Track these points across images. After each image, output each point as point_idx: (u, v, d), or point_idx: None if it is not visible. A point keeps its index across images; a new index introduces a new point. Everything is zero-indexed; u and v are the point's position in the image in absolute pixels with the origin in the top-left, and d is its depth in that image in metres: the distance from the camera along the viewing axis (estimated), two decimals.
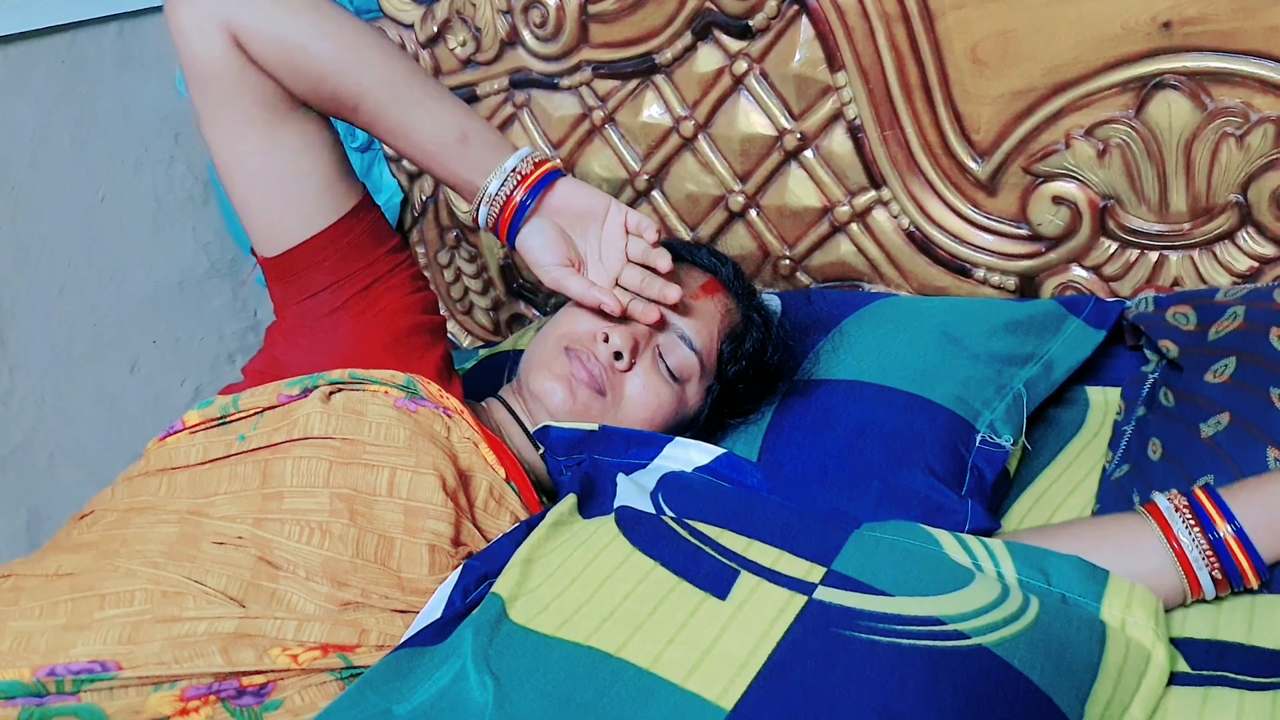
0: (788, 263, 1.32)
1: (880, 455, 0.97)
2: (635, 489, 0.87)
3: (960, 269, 1.23)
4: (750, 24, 1.23)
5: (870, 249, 1.27)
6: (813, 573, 0.72)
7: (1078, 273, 1.18)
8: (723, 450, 0.92)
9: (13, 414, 1.41)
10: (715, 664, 0.64)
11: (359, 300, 0.96)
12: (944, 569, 0.74)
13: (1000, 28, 1.11)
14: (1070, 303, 1.14)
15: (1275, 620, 0.76)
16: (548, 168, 0.96)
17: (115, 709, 0.72)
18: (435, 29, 1.41)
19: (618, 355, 0.97)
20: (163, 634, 0.74)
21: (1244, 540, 0.77)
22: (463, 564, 0.80)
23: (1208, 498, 0.79)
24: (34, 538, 1.42)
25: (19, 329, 1.41)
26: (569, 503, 0.85)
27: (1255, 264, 1.09)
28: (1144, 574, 0.77)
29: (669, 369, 0.98)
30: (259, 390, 0.92)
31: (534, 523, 0.82)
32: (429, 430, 0.89)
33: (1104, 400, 1.11)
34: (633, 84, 1.33)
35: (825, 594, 0.70)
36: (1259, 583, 0.78)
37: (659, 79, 1.31)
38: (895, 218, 1.24)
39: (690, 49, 1.28)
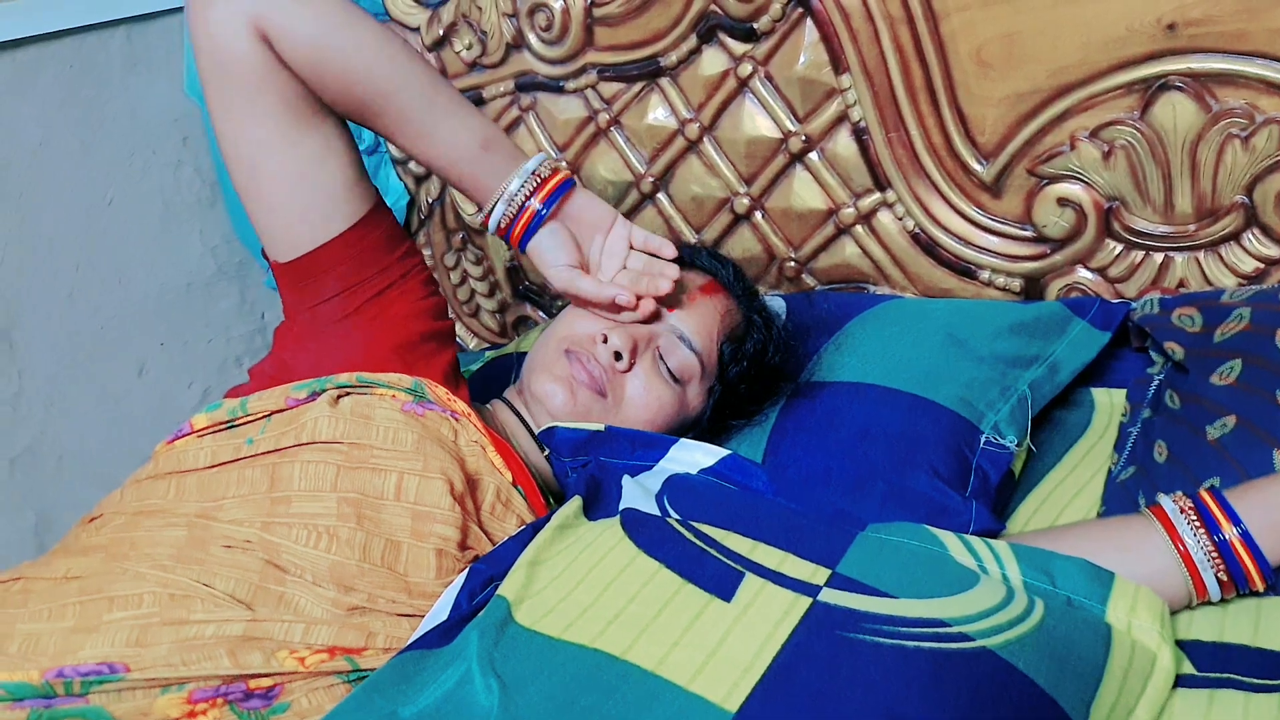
0: (793, 265, 1.33)
1: (885, 457, 0.97)
2: (641, 491, 0.87)
3: (965, 271, 1.23)
4: (755, 27, 1.23)
5: (875, 251, 1.27)
6: (818, 575, 0.72)
7: (1083, 274, 1.18)
8: (727, 452, 0.92)
9: (20, 417, 1.42)
10: (720, 666, 0.64)
11: (371, 306, 0.96)
12: (949, 571, 0.74)
13: (1005, 30, 1.11)
14: (1075, 304, 1.14)
15: None
16: (562, 176, 0.98)
17: (123, 711, 0.73)
18: (441, 32, 1.41)
19: (617, 356, 0.97)
20: (171, 636, 0.75)
21: (1249, 542, 0.77)
22: (469, 567, 0.80)
23: (1213, 500, 0.79)
24: (42, 540, 1.42)
25: (26, 332, 1.42)
26: (574, 505, 0.86)
27: (1261, 265, 1.09)
28: (1149, 576, 0.77)
29: (669, 370, 0.99)
30: (267, 394, 0.92)
31: (540, 525, 0.83)
32: (436, 434, 0.89)
33: (1109, 402, 1.11)
34: (638, 87, 1.33)
35: (830, 596, 0.70)
36: (1264, 585, 0.78)
37: (664, 82, 1.31)
38: (900, 220, 1.24)
39: (695, 52, 1.28)
